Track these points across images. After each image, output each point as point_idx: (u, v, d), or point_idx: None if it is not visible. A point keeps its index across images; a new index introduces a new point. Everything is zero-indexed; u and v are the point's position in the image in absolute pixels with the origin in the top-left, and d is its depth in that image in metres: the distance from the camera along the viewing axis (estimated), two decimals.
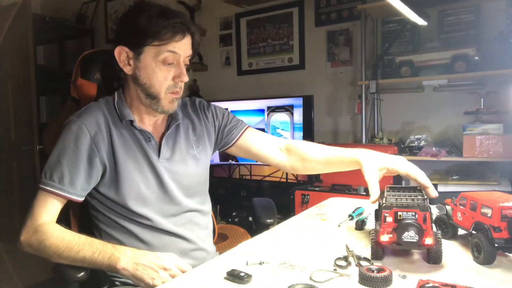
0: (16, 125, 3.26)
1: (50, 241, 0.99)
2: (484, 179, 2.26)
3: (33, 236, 1.00)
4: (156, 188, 1.12)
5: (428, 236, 0.79)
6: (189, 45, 1.10)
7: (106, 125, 1.08)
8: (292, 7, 3.25)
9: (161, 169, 1.12)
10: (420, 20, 2.15)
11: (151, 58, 1.06)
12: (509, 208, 0.78)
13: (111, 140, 1.08)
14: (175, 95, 1.10)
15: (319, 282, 0.76)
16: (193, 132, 1.22)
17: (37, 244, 1.00)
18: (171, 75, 1.08)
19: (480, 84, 2.48)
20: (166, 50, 1.05)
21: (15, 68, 3.23)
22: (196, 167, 1.19)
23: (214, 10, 3.63)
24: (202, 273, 0.84)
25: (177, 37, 1.05)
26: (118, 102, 1.12)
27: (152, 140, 1.13)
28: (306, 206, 2.47)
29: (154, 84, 1.07)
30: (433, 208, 1.13)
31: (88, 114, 1.08)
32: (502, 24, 2.38)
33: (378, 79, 2.66)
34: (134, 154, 1.10)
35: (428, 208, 0.81)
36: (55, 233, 1.00)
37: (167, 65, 1.07)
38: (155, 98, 1.09)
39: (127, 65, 1.09)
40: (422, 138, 2.60)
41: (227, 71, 3.64)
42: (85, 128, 1.05)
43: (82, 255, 0.98)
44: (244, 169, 3.16)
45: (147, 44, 1.04)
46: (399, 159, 1.02)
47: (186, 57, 1.10)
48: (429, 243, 0.79)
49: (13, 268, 2.76)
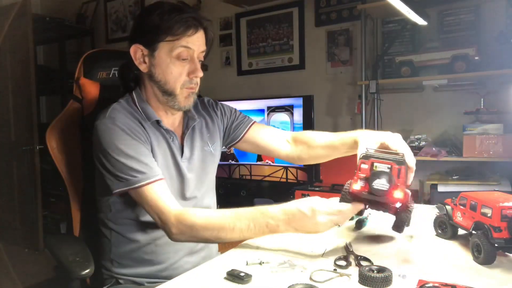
0: (16, 125, 3.27)
1: (200, 226, 0.97)
2: (484, 179, 2.25)
3: (180, 226, 0.98)
4: (177, 186, 1.14)
5: (398, 189, 0.79)
6: (203, 40, 1.11)
7: (138, 122, 1.09)
8: (292, 7, 3.24)
9: (184, 168, 1.15)
10: (420, 20, 2.15)
11: (165, 54, 1.07)
12: (509, 208, 0.79)
13: (148, 134, 1.09)
14: (191, 90, 1.12)
15: (319, 282, 0.76)
16: (207, 129, 1.25)
17: (189, 231, 0.98)
18: (186, 71, 1.09)
19: (480, 84, 2.48)
20: (180, 45, 1.05)
21: (15, 68, 3.24)
22: (212, 163, 1.24)
23: (214, 10, 3.63)
24: (202, 273, 0.85)
25: (189, 32, 1.05)
26: (140, 102, 1.13)
27: (175, 140, 1.15)
28: None
29: (169, 80, 1.08)
30: (433, 208, 1.13)
31: (118, 113, 1.06)
32: (502, 24, 2.38)
33: (378, 79, 2.66)
34: (164, 151, 1.12)
35: (404, 163, 0.81)
36: (199, 217, 0.98)
37: (181, 61, 1.07)
38: (171, 95, 1.10)
39: (142, 63, 1.10)
40: (422, 138, 2.60)
41: (227, 71, 3.64)
42: (121, 125, 1.04)
43: (239, 229, 0.94)
44: (244, 169, 3.16)
45: (160, 40, 1.05)
46: (394, 136, 1.00)
47: (200, 52, 1.11)
48: (398, 196, 0.80)
49: (13, 268, 2.76)
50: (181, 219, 0.98)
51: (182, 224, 0.97)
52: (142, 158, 1.02)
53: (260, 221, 0.93)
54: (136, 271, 1.13)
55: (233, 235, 0.95)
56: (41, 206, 3.18)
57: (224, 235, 0.96)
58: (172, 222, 0.98)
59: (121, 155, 1.01)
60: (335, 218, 0.89)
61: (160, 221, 1.00)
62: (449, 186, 2.29)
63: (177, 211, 0.99)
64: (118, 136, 1.02)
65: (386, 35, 2.78)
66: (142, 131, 1.07)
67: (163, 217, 0.99)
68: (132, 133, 1.04)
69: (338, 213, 0.89)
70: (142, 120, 1.10)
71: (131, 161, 1.01)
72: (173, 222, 0.98)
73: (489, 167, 2.35)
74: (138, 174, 1.00)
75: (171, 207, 0.99)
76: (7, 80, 3.26)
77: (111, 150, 1.02)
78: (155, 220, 1.01)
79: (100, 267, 1.16)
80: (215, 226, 0.96)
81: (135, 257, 1.12)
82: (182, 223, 0.97)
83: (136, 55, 1.09)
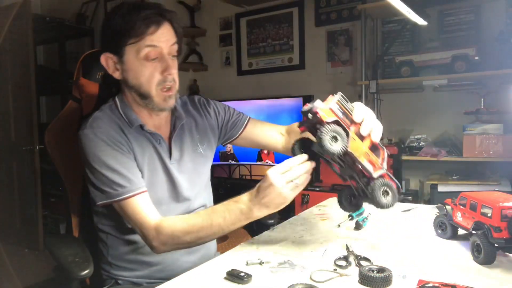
0: (16, 125, 3.26)
1: (180, 232, 0.96)
2: (484, 179, 2.25)
3: (161, 237, 0.97)
4: (169, 189, 1.13)
5: (321, 108, 0.81)
6: (170, 34, 1.05)
7: (120, 130, 1.06)
8: (292, 7, 3.25)
9: (173, 170, 1.13)
10: (420, 20, 2.15)
11: (133, 58, 1.03)
12: (509, 208, 0.79)
13: (130, 143, 1.06)
14: (167, 92, 1.07)
15: (319, 282, 0.76)
16: (197, 130, 1.22)
17: (171, 240, 0.97)
18: (158, 71, 1.04)
19: (480, 84, 2.48)
20: (145, 45, 1.01)
21: (15, 68, 3.23)
22: (203, 164, 1.22)
23: (214, 10, 3.63)
24: (202, 273, 0.85)
25: (151, 29, 1.01)
26: (123, 108, 1.10)
27: (162, 142, 1.12)
28: (306, 206, 2.47)
29: (143, 83, 1.05)
30: (433, 208, 1.14)
31: (99, 122, 1.04)
32: (502, 24, 2.38)
33: (378, 79, 2.66)
34: (150, 156, 1.10)
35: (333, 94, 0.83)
36: (177, 224, 0.98)
37: (151, 61, 1.03)
38: (147, 97, 1.06)
39: (115, 71, 1.07)
40: (422, 138, 2.60)
41: (227, 71, 3.64)
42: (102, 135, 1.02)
43: (217, 224, 0.94)
44: (244, 169, 3.16)
45: (125, 44, 1.02)
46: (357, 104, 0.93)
47: (170, 46, 1.05)
48: (319, 111, 0.80)
49: (13, 268, 2.76)
50: (160, 230, 0.97)
51: (162, 235, 0.97)
52: (123, 170, 1.00)
53: (234, 210, 0.93)
54: (135, 273, 1.13)
55: (213, 231, 0.94)
56: (41, 206, 3.18)
57: (204, 234, 0.95)
58: (153, 235, 0.98)
59: (103, 167, 1.00)
60: (292, 175, 0.87)
61: (142, 235, 1.00)
62: (449, 186, 2.29)
63: (156, 223, 0.98)
64: (99, 147, 1.01)
65: (386, 35, 2.78)
66: (124, 140, 1.05)
67: (144, 231, 0.99)
68: (113, 144, 1.02)
69: (290, 168, 0.87)
70: (125, 127, 1.07)
71: (112, 174, 0.99)
72: (154, 235, 0.97)
73: (489, 167, 2.35)
74: (119, 188, 0.99)
75: (151, 221, 0.98)
76: (7, 80, 3.26)
77: (93, 162, 1.00)
78: (138, 233, 1.01)
79: (99, 268, 1.16)
80: (194, 228, 0.95)
81: (133, 259, 1.12)
82: (162, 234, 0.97)
83: (108, 64, 1.06)
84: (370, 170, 0.84)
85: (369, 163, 0.84)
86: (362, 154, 0.84)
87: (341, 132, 0.80)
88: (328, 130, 0.79)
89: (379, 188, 0.83)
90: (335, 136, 0.80)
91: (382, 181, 0.84)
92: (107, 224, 1.13)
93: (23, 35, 3.11)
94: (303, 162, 0.88)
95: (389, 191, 0.84)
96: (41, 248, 3.13)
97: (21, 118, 3.21)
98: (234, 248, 0.98)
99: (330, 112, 0.81)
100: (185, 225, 0.97)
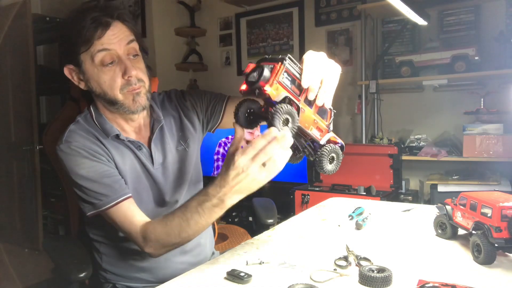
0: (16, 125, 3.26)
1: (163, 235, 0.93)
2: (484, 179, 2.25)
3: (149, 243, 0.96)
4: (155, 194, 1.10)
5: (269, 85, 0.74)
6: (122, 33, 0.99)
7: (98, 140, 1.03)
8: (292, 7, 3.24)
9: (157, 175, 1.09)
10: (420, 20, 2.15)
11: (90, 65, 0.99)
12: (509, 208, 0.79)
13: (109, 152, 1.03)
14: (134, 91, 1.01)
15: (319, 282, 0.76)
16: (177, 127, 1.16)
17: (159, 244, 0.95)
18: (118, 75, 0.99)
19: (480, 84, 2.48)
20: (96, 50, 0.96)
21: (15, 68, 3.23)
22: (189, 161, 1.16)
23: (214, 10, 3.63)
24: (202, 273, 0.85)
25: (98, 32, 0.95)
26: (97, 117, 1.06)
27: (143, 148, 1.08)
28: (306, 206, 2.47)
29: (106, 90, 1.00)
30: (433, 208, 1.13)
31: (74, 136, 1.02)
32: (502, 24, 2.38)
33: (378, 79, 2.66)
34: (131, 163, 1.07)
35: (282, 60, 0.76)
36: (157, 228, 0.94)
37: (108, 66, 0.98)
38: (115, 103, 1.02)
39: (80, 82, 1.04)
40: (422, 138, 2.61)
41: (227, 71, 3.64)
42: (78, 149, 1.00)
43: (193, 220, 0.88)
44: None
45: (79, 52, 0.98)
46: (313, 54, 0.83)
47: (125, 46, 1.00)
48: (267, 90, 0.73)
49: (13, 268, 2.76)
50: (146, 237, 0.95)
51: (149, 241, 0.95)
52: (105, 179, 0.98)
53: (206, 203, 0.85)
54: (131, 279, 1.12)
55: (192, 227, 0.89)
56: (41, 206, 3.17)
57: (185, 232, 0.91)
58: (142, 242, 0.96)
59: (83, 180, 0.98)
60: (265, 157, 0.76)
61: (134, 243, 0.99)
62: (449, 186, 2.29)
63: (141, 230, 0.96)
64: (76, 161, 0.98)
65: (386, 35, 2.78)
66: (103, 150, 1.02)
67: (134, 239, 0.98)
68: (90, 155, 0.99)
69: (261, 150, 0.76)
70: (102, 137, 1.04)
71: (93, 185, 0.98)
72: (143, 242, 0.96)
73: (489, 167, 2.35)
74: (102, 197, 0.98)
75: (137, 228, 0.97)
76: (7, 80, 3.26)
77: (74, 176, 0.99)
78: (131, 241, 1.00)
79: (97, 273, 1.16)
80: (173, 229, 0.92)
81: (127, 265, 1.11)
82: (149, 240, 0.95)
83: (72, 76, 1.03)
84: (318, 137, 0.84)
85: (317, 130, 0.83)
86: (311, 123, 0.82)
87: (292, 111, 0.76)
88: (280, 113, 0.74)
89: (326, 156, 0.83)
90: (286, 118, 0.75)
91: (329, 148, 0.84)
92: (99, 234, 1.13)
93: (23, 35, 3.11)
94: (273, 138, 0.76)
95: (335, 157, 0.85)
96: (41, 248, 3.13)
97: (21, 118, 3.21)
98: (234, 248, 0.98)
99: (279, 87, 0.75)
100: (165, 227, 0.93)
